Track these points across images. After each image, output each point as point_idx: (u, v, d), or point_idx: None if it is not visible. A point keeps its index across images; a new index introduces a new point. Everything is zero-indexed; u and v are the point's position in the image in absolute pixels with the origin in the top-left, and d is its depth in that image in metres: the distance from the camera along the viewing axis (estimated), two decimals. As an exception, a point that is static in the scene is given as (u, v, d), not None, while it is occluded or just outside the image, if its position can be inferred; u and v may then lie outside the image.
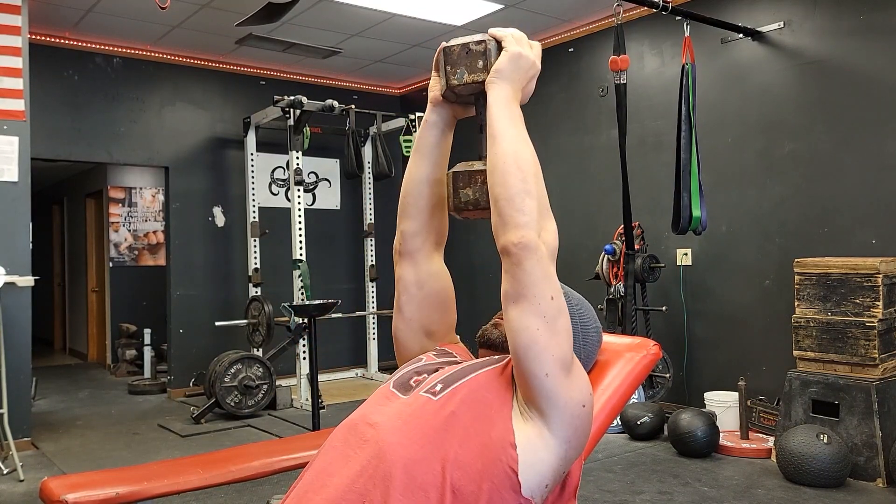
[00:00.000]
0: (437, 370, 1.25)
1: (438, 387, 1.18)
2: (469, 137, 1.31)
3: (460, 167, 1.24)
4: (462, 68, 1.22)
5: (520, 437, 1.10)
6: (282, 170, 6.66)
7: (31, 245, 4.60)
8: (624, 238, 4.61)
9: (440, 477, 1.06)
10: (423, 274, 1.40)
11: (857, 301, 3.61)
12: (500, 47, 1.22)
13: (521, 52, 1.20)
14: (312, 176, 6.89)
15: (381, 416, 1.15)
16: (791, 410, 3.77)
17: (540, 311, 1.08)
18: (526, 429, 1.11)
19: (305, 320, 3.84)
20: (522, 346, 1.09)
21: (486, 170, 1.19)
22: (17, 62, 4.46)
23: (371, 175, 6.77)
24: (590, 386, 1.17)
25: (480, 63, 1.21)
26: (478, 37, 1.22)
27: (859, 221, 4.07)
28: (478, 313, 3.19)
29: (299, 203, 5.63)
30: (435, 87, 1.30)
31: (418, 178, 1.35)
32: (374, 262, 6.73)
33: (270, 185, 6.65)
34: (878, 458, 3.44)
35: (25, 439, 4.44)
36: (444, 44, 1.25)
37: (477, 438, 1.09)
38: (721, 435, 4.07)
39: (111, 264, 8.03)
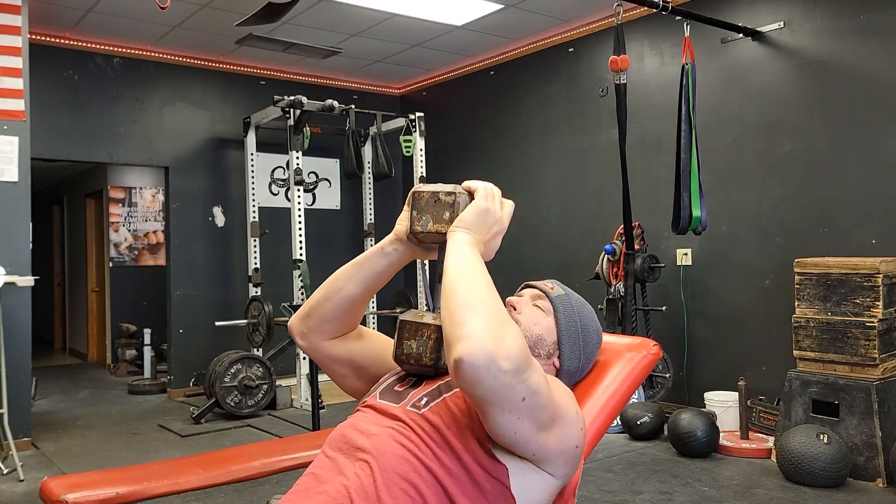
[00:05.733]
0: (422, 383, 1.24)
1: (423, 400, 1.17)
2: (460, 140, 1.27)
3: (409, 316, 1.17)
4: (428, 216, 1.17)
5: (509, 461, 1.10)
6: (282, 170, 6.66)
7: (31, 245, 4.60)
8: (624, 238, 4.61)
9: (434, 487, 1.07)
10: (342, 353, 1.36)
11: (857, 301, 3.61)
12: (471, 200, 1.18)
13: (489, 208, 1.16)
14: (312, 176, 6.89)
15: (371, 425, 1.16)
16: (791, 410, 3.77)
17: (514, 416, 1.02)
18: (519, 460, 1.11)
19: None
20: (504, 443, 1.07)
21: (434, 325, 1.14)
22: (17, 62, 4.45)
23: (371, 175, 6.77)
24: (579, 416, 1.14)
25: (447, 214, 1.16)
26: (449, 187, 1.18)
27: (859, 221, 4.07)
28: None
29: (299, 203, 5.62)
30: (403, 222, 1.24)
31: (345, 293, 1.29)
32: (374, 263, 6.72)
33: (270, 185, 6.64)
34: (878, 458, 3.44)
35: (25, 439, 4.44)
36: (416, 186, 1.21)
37: (467, 455, 1.10)
38: (721, 435, 4.07)
39: (111, 264, 8.03)
